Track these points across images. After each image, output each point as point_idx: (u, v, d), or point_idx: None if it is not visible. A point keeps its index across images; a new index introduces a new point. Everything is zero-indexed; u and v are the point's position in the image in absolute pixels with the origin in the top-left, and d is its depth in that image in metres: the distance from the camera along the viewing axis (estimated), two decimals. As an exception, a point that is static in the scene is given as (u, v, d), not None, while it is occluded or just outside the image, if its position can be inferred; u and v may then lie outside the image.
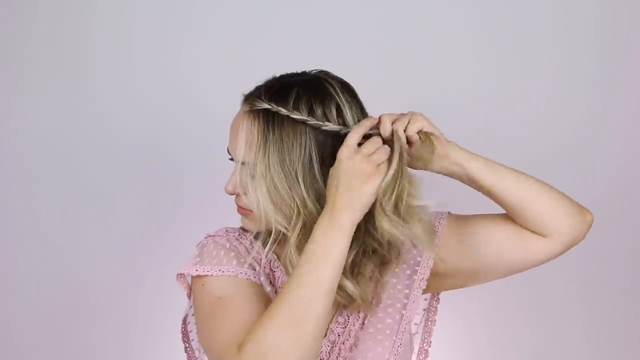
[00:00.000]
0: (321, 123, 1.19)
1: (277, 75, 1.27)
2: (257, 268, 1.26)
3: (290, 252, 1.21)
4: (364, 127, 1.18)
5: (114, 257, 2.13)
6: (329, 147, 1.20)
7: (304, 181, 1.19)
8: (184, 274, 1.30)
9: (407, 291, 1.31)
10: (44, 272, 2.13)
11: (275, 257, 1.30)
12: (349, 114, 1.22)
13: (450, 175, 1.24)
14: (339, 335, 1.29)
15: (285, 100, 1.20)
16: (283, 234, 1.24)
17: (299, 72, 1.27)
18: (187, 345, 1.34)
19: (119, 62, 2.11)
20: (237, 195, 1.26)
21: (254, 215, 1.23)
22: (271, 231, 1.23)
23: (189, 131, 2.10)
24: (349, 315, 1.30)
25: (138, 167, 2.12)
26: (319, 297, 1.11)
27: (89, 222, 2.13)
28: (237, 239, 1.29)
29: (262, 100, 1.21)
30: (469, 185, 1.25)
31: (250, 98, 1.24)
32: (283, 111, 1.19)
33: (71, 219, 2.13)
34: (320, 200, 1.19)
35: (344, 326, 1.30)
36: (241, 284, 1.22)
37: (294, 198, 1.19)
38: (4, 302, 2.13)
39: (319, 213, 1.18)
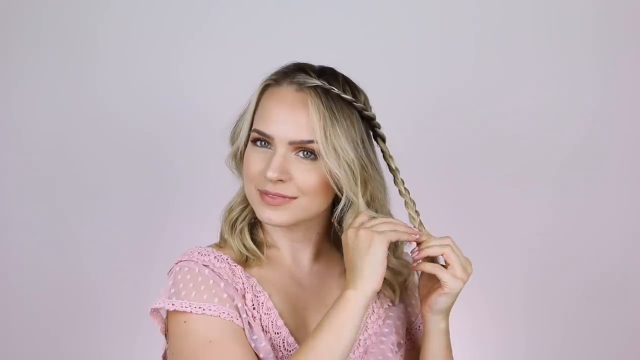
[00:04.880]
0: (364, 107, 1.22)
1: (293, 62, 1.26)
2: (236, 300, 1.18)
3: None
4: (399, 228, 1.19)
5: (114, 255, 2.10)
6: (366, 132, 1.24)
7: (366, 152, 1.20)
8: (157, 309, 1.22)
9: (402, 342, 1.33)
10: (44, 269, 2.10)
11: (256, 281, 1.23)
12: (370, 109, 1.26)
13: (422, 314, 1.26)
14: None
15: (336, 80, 1.21)
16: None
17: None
18: None
19: (120, 63, 2.09)
20: (278, 182, 1.18)
21: (295, 203, 1.19)
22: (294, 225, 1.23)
23: (185, 131, 2.07)
24: None
25: (139, 165, 2.09)
26: None
27: (88, 220, 2.10)
28: (212, 263, 1.20)
29: (313, 77, 1.19)
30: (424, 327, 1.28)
31: (296, 77, 1.20)
32: (335, 90, 1.19)
33: (70, 217, 2.10)
34: (377, 167, 1.23)
35: None
36: (227, 327, 1.14)
37: (363, 167, 1.19)
38: (4, 300, 2.12)
39: (380, 177, 1.23)
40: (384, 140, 1.28)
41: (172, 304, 1.15)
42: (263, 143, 1.20)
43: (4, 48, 2.08)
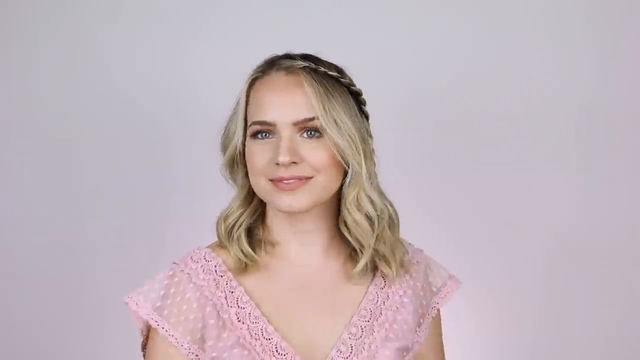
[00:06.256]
0: (351, 82, 1.24)
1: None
2: (206, 327, 1.21)
3: (365, 187, 1.22)
4: None
5: (113, 254, 2.10)
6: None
7: (362, 125, 1.23)
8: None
9: (409, 346, 1.33)
10: (43, 268, 2.11)
11: (243, 291, 1.24)
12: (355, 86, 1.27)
13: None
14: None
15: (320, 61, 1.23)
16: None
17: None
18: None
19: (120, 62, 2.10)
20: (291, 165, 1.18)
21: (312, 182, 1.19)
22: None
23: (186, 130, 2.09)
24: (352, 345, 1.26)
25: (139, 164, 2.09)
26: None
27: (88, 219, 2.10)
28: (203, 273, 1.23)
29: (299, 60, 1.22)
30: None
31: (283, 64, 1.22)
32: (321, 69, 1.21)
33: (70, 216, 2.10)
34: (370, 143, 1.26)
35: (346, 356, 1.25)
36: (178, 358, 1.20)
37: (362, 138, 1.21)
38: (4, 300, 2.11)
39: (373, 152, 1.26)
40: (367, 118, 1.29)
41: (153, 320, 1.21)
42: (264, 134, 1.20)
43: (3, 41, 2.08)
